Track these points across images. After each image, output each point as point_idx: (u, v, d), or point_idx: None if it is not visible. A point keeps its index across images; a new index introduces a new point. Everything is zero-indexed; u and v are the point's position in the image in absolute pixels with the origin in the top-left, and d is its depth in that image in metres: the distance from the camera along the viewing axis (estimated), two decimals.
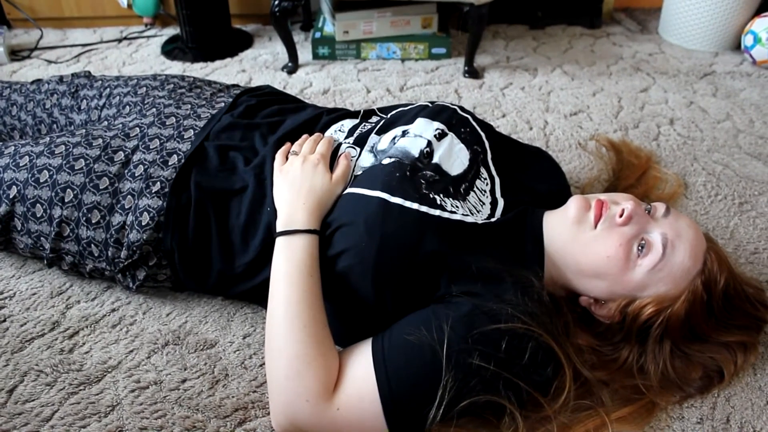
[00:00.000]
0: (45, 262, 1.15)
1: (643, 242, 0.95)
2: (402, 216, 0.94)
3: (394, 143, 1.08)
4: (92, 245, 1.10)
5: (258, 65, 2.18)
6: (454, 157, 1.07)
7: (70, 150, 1.13)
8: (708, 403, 1.01)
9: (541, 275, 0.99)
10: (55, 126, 1.35)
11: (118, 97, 1.30)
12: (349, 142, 1.13)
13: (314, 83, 2.04)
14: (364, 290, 0.95)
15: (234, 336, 1.12)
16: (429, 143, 1.06)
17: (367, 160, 1.09)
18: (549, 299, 0.95)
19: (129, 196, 1.08)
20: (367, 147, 1.11)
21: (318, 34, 2.20)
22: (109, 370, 1.06)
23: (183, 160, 1.11)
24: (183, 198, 1.08)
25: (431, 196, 0.98)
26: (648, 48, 2.33)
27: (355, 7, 2.11)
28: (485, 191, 1.08)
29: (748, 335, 1.04)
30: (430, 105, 1.16)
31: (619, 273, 0.95)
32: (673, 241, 0.95)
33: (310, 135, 1.15)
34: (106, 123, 1.27)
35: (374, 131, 1.14)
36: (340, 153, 1.10)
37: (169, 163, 1.11)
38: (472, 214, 1.01)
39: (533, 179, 1.19)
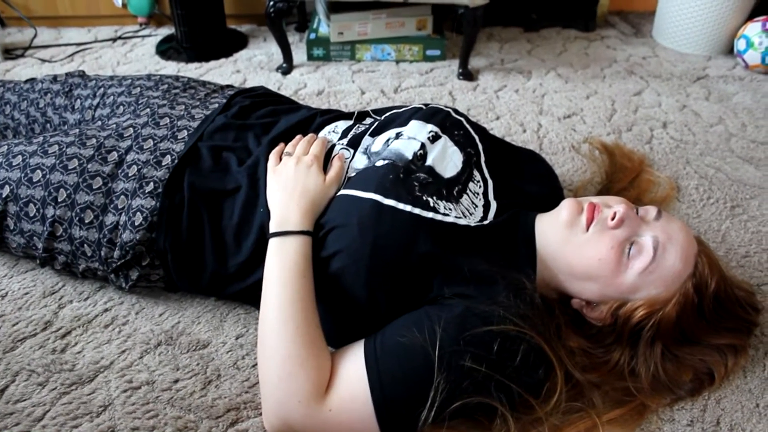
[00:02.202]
0: (38, 261, 1.15)
1: (635, 245, 0.95)
2: (395, 218, 0.94)
3: (388, 145, 1.08)
4: (85, 245, 1.10)
5: (252, 66, 2.18)
6: (447, 159, 1.08)
7: (64, 149, 1.12)
8: (698, 406, 1.02)
9: (533, 278, 1.00)
10: (48, 125, 1.35)
11: (112, 96, 1.30)
12: (342, 144, 1.13)
13: (309, 84, 2.04)
14: (356, 291, 0.96)
15: (227, 336, 1.12)
16: (422, 145, 1.06)
17: (360, 161, 1.09)
18: (541, 302, 0.96)
19: (122, 196, 1.08)
20: (360, 149, 1.11)
21: (313, 35, 2.20)
22: (102, 370, 1.06)
23: (176, 161, 1.11)
24: (176, 198, 1.08)
25: (424, 198, 0.98)
26: (642, 51, 2.34)
27: (350, 9, 2.11)
28: (478, 194, 1.09)
29: (739, 338, 1.05)
30: (423, 107, 1.16)
31: (611, 275, 0.96)
32: (665, 244, 0.95)
33: (304, 136, 1.15)
34: (99, 123, 1.27)
35: (368, 133, 1.14)
36: (333, 154, 1.10)
37: (163, 164, 1.11)
38: (465, 217, 1.01)
39: (526, 182, 1.20)
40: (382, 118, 1.18)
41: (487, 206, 1.08)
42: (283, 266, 0.95)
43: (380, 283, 0.94)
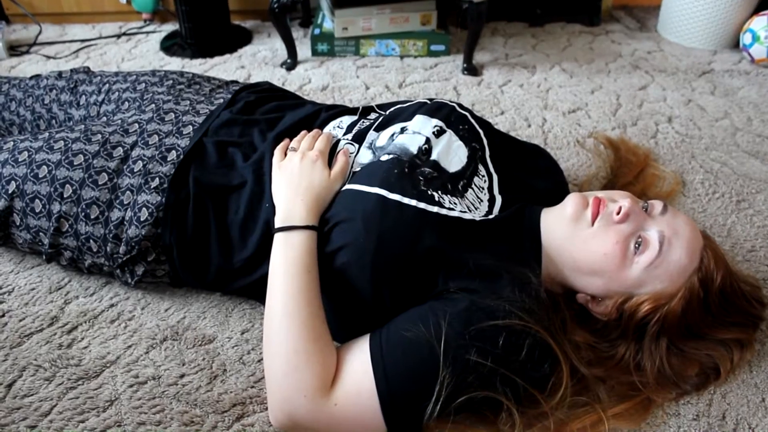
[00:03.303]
0: (44, 257, 1.16)
1: (640, 240, 0.95)
2: (400, 212, 0.94)
3: (393, 140, 1.08)
4: (91, 241, 1.10)
5: (257, 61, 2.18)
6: (452, 154, 1.08)
7: (69, 145, 1.13)
8: (704, 400, 1.02)
9: (538, 272, 0.99)
10: (53, 121, 1.35)
11: (117, 92, 1.30)
12: (347, 139, 1.13)
13: (313, 80, 2.04)
14: (362, 286, 0.96)
15: (232, 331, 1.13)
16: (427, 140, 1.06)
17: (365, 156, 1.09)
18: (546, 296, 0.96)
19: (128, 192, 1.08)
20: (365, 143, 1.11)
21: (317, 31, 2.20)
22: (108, 365, 1.06)
23: (182, 156, 1.11)
24: (182, 194, 1.08)
25: (429, 192, 0.98)
26: (647, 46, 2.34)
27: (354, 4, 2.11)
28: (483, 188, 1.08)
29: (745, 332, 1.04)
30: (428, 102, 1.16)
31: (616, 270, 0.96)
32: (670, 239, 0.95)
33: (309, 131, 1.15)
34: (105, 119, 1.27)
35: (373, 128, 1.14)
36: (338, 149, 1.10)
37: (168, 159, 1.11)
38: (470, 211, 1.01)
39: (531, 176, 1.20)
40: (387, 113, 1.18)
41: (492, 201, 1.08)
42: (288, 261, 0.95)
43: (385, 278, 0.94)
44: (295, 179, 1.03)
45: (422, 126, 1.09)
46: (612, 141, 1.65)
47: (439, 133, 1.08)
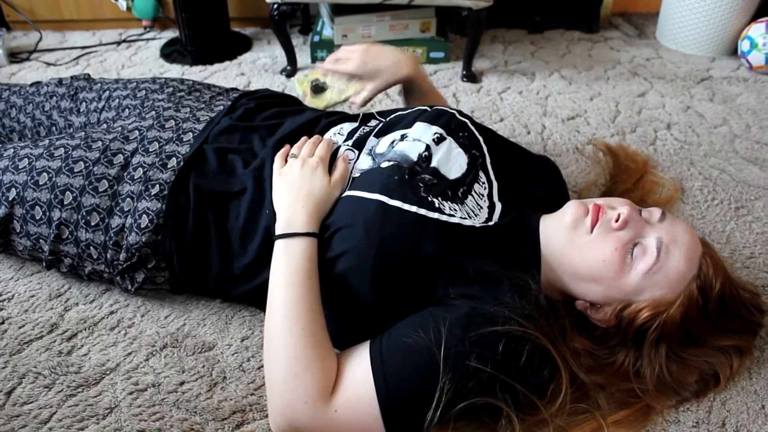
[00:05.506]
0: (44, 264, 1.16)
1: (638, 246, 0.95)
2: (401, 219, 0.94)
3: (393, 147, 1.08)
4: (91, 247, 1.10)
5: (257, 68, 2.18)
6: (452, 161, 1.08)
7: (70, 152, 1.13)
8: (704, 407, 1.02)
9: (538, 279, 1.00)
10: (54, 128, 1.35)
11: (117, 99, 1.31)
12: (347, 145, 1.14)
13: None
14: (362, 292, 0.96)
15: (232, 338, 1.13)
16: (427, 147, 1.07)
17: (365, 163, 1.09)
18: (546, 303, 0.96)
19: (128, 199, 1.09)
20: (365, 150, 1.11)
21: (317, 38, 2.20)
22: (108, 372, 1.06)
23: (182, 163, 1.11)
24: (182, 201, 1.08)
25: (430, 199, 0.98)
26: (645, 53, 2.34)
27: (354, 11, 2.12)
28: (483, 195, 1.09)
29: (744, 339, 1.04)
30: (428, 109, 1.17)
31: (615, 277, 0.96)
32: (668, 246, 0.95)
33: (309, 138, 1.15)
34: (105, 126, 1.28)
35: (373, 134, 1.14)
36: (338, 156, 1.11)
37: (168, 166, 1.11)
38: (470, 218, 1.01)
39: (531, 183, 1.20)
40: (387, 119, 1.19)
41: (491, 207, 1.08)
42: (288, 268, 0.95)
43: (386, 284, 0.94)
44: (296, 186, 1.03)
45: (422, 133, 1.09)
46: (611, 148, 1.65)
47: (439, 141, 1.09)
